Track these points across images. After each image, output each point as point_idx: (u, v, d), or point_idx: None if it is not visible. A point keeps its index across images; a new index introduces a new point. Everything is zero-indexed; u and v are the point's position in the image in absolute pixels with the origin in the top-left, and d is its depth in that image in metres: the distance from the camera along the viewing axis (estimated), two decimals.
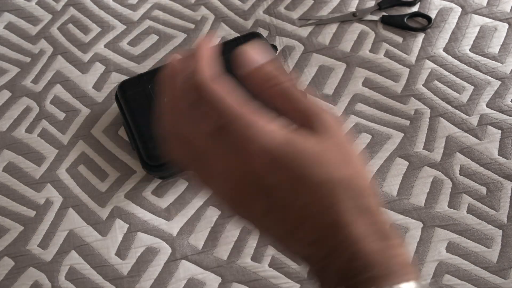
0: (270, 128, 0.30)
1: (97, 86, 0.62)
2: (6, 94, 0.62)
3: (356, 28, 0.65)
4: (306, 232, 0.30)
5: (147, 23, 0.67)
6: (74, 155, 0.57)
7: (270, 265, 0.50)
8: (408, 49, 0.63)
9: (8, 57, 0.65)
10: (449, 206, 0.52)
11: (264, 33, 0.65)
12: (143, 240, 0.52)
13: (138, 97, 0.53)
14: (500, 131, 0.57)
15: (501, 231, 0.51)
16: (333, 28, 0.65)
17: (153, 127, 0.51)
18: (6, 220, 0.54)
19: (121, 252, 0.52)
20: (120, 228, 0.53)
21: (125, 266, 0.51)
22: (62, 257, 0.51)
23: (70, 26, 0.67)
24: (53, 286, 0.50)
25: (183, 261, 0.51)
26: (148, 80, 0.54)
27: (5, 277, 0.51)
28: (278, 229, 0.31)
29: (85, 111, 0.60)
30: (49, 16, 0.68)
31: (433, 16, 0.65)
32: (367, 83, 0.61)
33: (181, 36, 0.66)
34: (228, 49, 0.56)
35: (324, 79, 0.61)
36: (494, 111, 0.58)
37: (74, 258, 0.51)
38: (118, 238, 0.52)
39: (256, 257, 0.51)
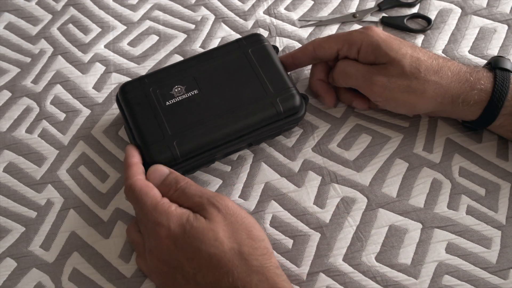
0: (176, 212, 0.44)
1: (98, 86, 0.62)
2: (6, 94, 0.62)
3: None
4: None
5: (147, 23, 0.67)
6: (75, 156, 0.57)
7: None
8: None
9: (8, 57, 0.65)
10: (449, 207, 0.53)
11: (264, 33, 0.65)
12: None
13: (139, 99, 0.53)
14: None
15: (500, 232, 0.51)
16: (333, 29, 0.65)
17: (153, 129, 0.51)
18: (8, 221, 0.54)
19: (124, 254, 0.52)
20: (122, 229, 0.53)
21: (128, 268, 0.51)
22: (65, 258, 0.51)
23: (70, 26, 0.67)
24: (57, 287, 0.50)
25: None
26: (149, 83, 0.54)
27: (7, 278, 0.50)
28: None
29: (85, 111, 0.60)
30: (49, 16, 0.68)
31: (432, 17, 0.66)
32: None
33: (181, 37, 0.66)
34: (230, 51, 0.56)
35: None
36: None
37: (76, 259, 0.51)
38: (120, 239, 0.52)
39: None
